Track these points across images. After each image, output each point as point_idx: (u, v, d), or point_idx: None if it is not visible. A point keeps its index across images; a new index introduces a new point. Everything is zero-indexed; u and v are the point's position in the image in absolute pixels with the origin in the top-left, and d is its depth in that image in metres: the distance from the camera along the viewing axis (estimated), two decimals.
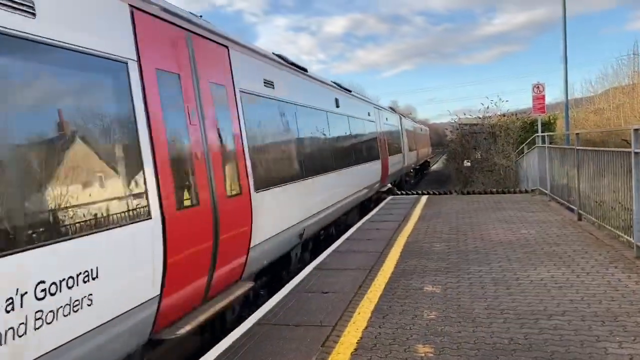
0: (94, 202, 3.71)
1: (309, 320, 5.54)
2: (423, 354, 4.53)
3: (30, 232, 3.15)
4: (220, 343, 5.10)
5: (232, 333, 5.34)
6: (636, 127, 7.39)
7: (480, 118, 25.64)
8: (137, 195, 4.19)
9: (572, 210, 11.55)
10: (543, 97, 16.54)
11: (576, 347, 4.49)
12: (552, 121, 29.93)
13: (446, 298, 6.05)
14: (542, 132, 16.78)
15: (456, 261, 7.80)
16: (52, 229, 3.30)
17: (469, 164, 28.97)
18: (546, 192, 14.42)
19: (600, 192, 9.22)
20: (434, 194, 18.15)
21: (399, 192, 19.10)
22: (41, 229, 3.22)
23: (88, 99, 3.90)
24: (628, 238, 7.83)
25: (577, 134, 10.84)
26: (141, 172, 4.27)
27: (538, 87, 16.28)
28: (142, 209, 4.21)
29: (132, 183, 4.18)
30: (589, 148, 10.33)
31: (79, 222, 3.53)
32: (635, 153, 7.29)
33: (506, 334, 4.86)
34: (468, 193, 17.74)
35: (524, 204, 14.07)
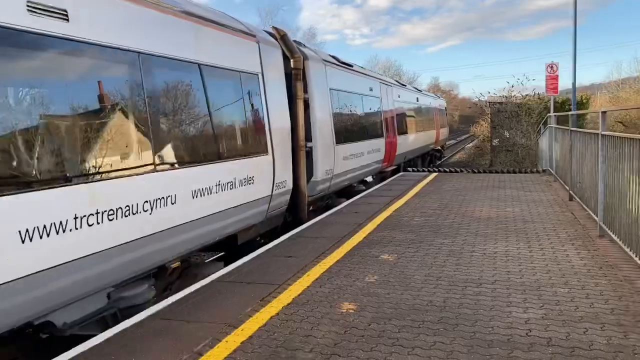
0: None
1: (261, 279, 6.12)
2: (345, 310, 5.04)
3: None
4: (178, 293, 5.75)
5: (190, 287, 5.99)
6: (604, 110, 7.53)
7: (505, 97, 25.33)
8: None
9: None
10: (556, 77, 16.30)
11: (484, 310, 4.90)
12: (584, 101, 29.17)
13: (395, 265, 6.50)
14: (565, 112, 16.63)
15: (425, 234, 8.20)
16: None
17: (497, 142, 28.73)
18: (553, 172, 14.44)
19: (581, 172, 9.36)
20: (445, 171, 18.33)
21: (410, 170, 19.33)
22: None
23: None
24: (595, 217, 8.02)
25: (571, 114, 10.88)
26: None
27: (552, 66, 16.08)
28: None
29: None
30: (580, 130, 10.39)
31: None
32: (602, 135, 7.44)
33: (429, 298, 5.30)
34: (477, 172, 17.84)
35: (527, 183, 14.16)
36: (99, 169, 5.00)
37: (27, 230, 4.16)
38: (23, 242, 4.13)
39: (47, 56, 4.59)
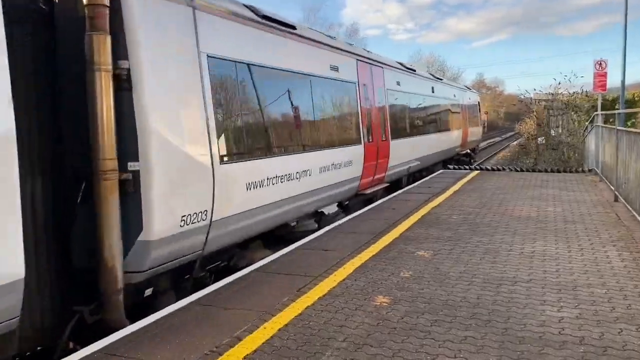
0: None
1: (298, 271, 6.31)
2: (378, 303, 5.17)
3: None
4: (221, 280, 6.02)
5: (232, 275, 6.24)
6: None
7: (551, 94, 24.72)
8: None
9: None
10: (605, 75, 15.80)
11: (517, 308, 4.93)
12: (636, 99, 28.15)
13: (430, 262, 6.57)
14: (613, 110, 16.16)
15: (463, 232, 8.21)
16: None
17: (542, 141, 28.06)
18: (598, 171, 14.08)
19: (627, 172, 9.13)
20: (487, 169, 18.09)
21: (450, 167, 19.16)
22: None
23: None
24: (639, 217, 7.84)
25: (618, 113, 10.60)
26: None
27: (600, 63, 15.59)
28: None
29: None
30: (627, 129, 10.12)
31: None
32: None
33: (462, 294, 5.36)
34: (521, 170, 17.53)
35: (571, 183, 13.86)
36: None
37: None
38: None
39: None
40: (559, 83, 24.37)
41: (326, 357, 4.04)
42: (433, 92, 18.51)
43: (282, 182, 7.75)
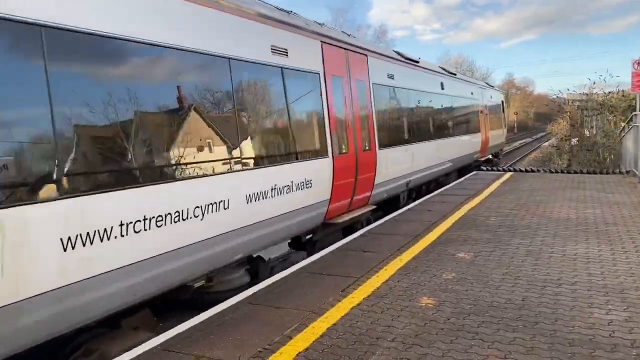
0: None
1: (340, 272, 6.41)
2: (424, 304, 5.22)
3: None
4: (265, 281, 6.16)
5: (274, 276, 6.38)
6: None
7: (585, 94, 24.25)
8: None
9: None
10: None
11: (564, 310, 4.93)
12: None
13: (472, 264, 6.59)
14: None
15: (502, 234, 8.18)
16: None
17: (576, 142, 27.54)
18: (638, 173, 13.79)
19: None
20: (520, 171, 17.89)
21: (484, 168, 19.00)
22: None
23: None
24: None
25: None
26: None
27: (639, 62, 15.28)
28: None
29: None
30: None
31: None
32: None
33: (507, 296, 5.38)
34: (555, 172, 17.28)
35: (609, 185, 13.62)
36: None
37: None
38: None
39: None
40: (594, 83, 23.90)
41: (377, 356, 4.12)
42: (442, 88, 15.46)
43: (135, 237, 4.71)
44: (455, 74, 18.35)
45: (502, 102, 26.70)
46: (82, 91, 4.35)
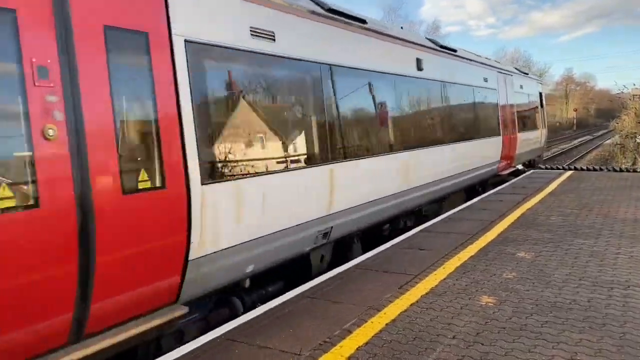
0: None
1: (397, 269, 6.41)
2: (484, 303, 5.16)
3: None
4: (322, 276, 6.24)
5: (334, 270, 6.46)
6: None
7: None
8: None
9: None
10: None
11: (634, 313, 4.75)
12: None
13: (533, 263, 6.43)
14: None
15: (563, 234, 7.93)
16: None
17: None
18: None
19: None
20: (581, 169, 17.23)
21: (542, 167, 18.41)
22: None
23: None
24: None
25: None
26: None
27: None
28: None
29: None
30: None
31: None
32: None
33: (571, 297, 5.23)
34: (620, 170, 16.55)
35: None
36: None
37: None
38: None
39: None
40: None
41: (437, 352, 4.12)
42: (420, 69, 9.62)
43: None
44: (454, 50, 11.90)
45: (540, 94, 20.05)
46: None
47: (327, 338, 4.46)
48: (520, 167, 17.08)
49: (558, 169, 18.03)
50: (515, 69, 18.70)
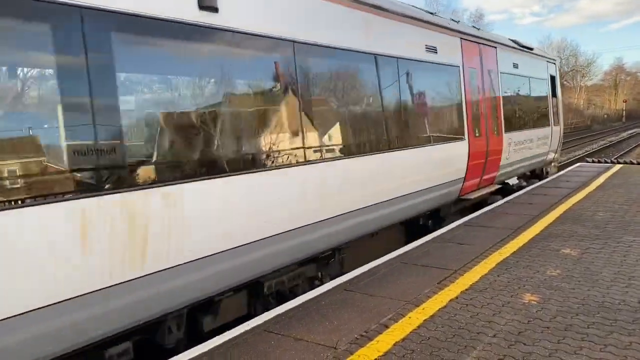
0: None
1: (436, 263, 6.28)
2: (527, 301, 4.99)
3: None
4: (359, 269, 6.18)
5: (370, 263, 6.39)
6: None
7: None
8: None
9: None
10: None
11: None
12: None
13: (579, 261, 6.19)
14: None
15: (612, 230, 7.61)
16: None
17: None
18: None
19: None
20: (631, 163, 16.52)
21: (589, 160, 17.75)
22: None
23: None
24: None
25: None
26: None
27: None
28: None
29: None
30: None
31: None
32: None
33: (620, 297, 5.00)
34: None
35: None
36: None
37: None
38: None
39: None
40: None
41: (478, 351, 4.00)
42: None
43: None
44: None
45: (553, 78, 14.97)
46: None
47: (363, 332, 4.41)
48: (513, 181, 12.32)
49: (606, 162, 17.35)
50: (512, 40, 12.67)
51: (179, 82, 4.65)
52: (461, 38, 9.54)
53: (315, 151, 5.85)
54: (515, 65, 12.15)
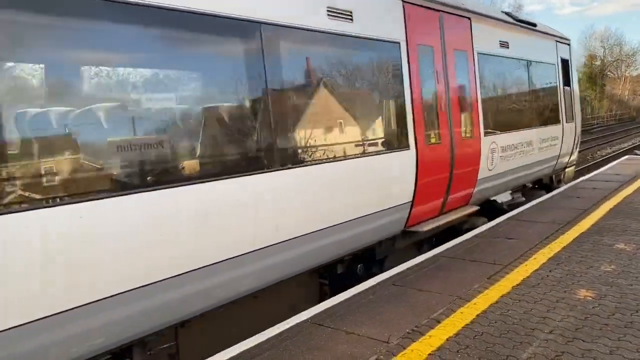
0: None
1: (485, 258, 6.18)
2: (582, 297, 4.85)
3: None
4: (405, 263, 6.15)
5: (418, 257, 6.36)
6: None
7: None
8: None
9: None
10: None
11: None
12: None
13: (634, 256, 5.98)
14: None
15: None
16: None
17: None
18: None
19: None
20: None
21: (638, 153, 17.12)
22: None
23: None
24: None
25: None
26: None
27: None
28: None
29: None
30: None
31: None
32: None
33: None
34: None
35: None
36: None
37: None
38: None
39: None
40: None
41: (534, 347, 3.92)
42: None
43: None
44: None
45: (565, 62, 11.87)
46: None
47: (414, 327, 4.37)
48: (504, 197, 9.34)
49: None
50: (505, 13, 10.21)
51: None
52: (404, 0, 6.54)
53: None
54: (504, 44, 9.04)
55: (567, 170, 12.47)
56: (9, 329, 3.04)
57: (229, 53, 4.63)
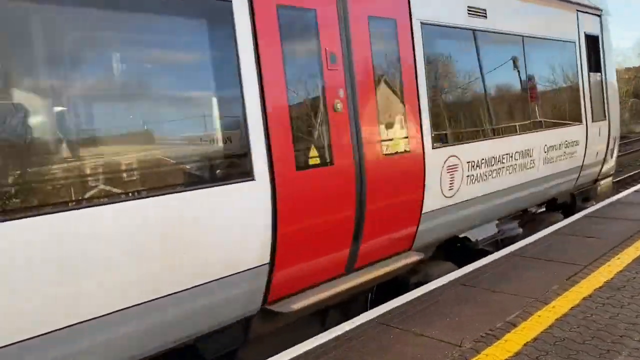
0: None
1: (561, 258, 5.80)
2: None
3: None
4: (474, 263, 5.87)
5: (489, 256, 6.07)
6: None
7: None
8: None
9: None
10: None
11: None
12: None
13: None
14: None
15: None
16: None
17: None
18: None
19: None
20: None
21: None
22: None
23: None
24: None
25: None
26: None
27: None
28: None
29: None
30: None
31: None
32: None
33: None
34: None
35: None
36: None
37: None
38: None
39: None
40: None
41: (623, 357, 3.59)
42: None
43: None
44: None
45: (590, 39, 8.80)
46: None
47: (489, 330, 4.13)
48: (487, 231, 6.68)
49: None
50: None
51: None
52: None
53: None
54: (478, 12, 6.36)
55: (601, 183, 9.52)
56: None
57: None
